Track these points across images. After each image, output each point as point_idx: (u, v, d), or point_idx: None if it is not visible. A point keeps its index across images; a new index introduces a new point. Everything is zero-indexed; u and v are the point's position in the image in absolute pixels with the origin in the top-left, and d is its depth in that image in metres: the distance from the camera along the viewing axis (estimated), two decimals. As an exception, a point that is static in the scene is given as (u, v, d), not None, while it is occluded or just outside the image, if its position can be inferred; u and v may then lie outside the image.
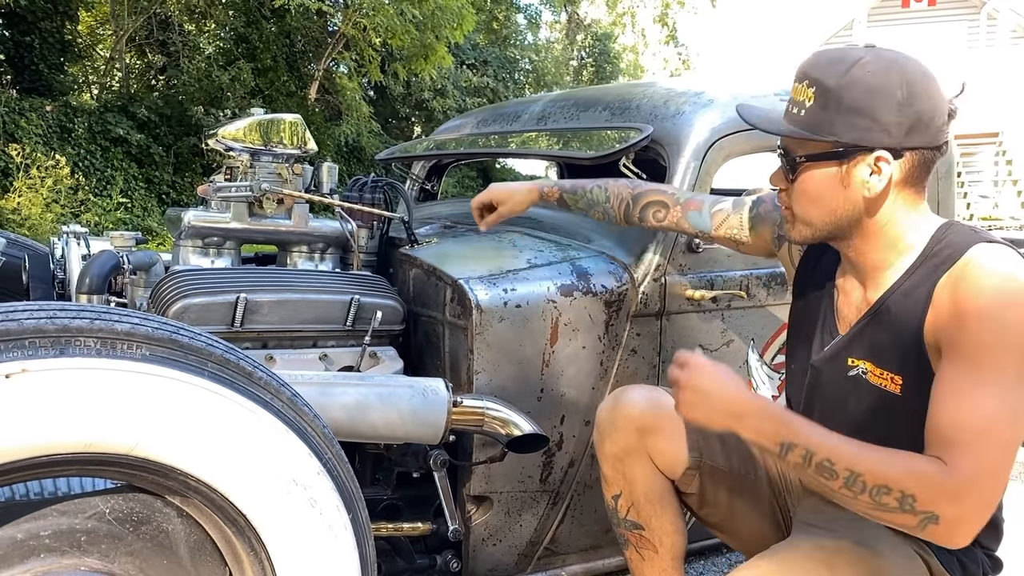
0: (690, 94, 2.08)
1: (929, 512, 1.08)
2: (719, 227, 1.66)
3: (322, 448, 1.20)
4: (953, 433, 1.11)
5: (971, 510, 1.09)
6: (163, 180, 10.77)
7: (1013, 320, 1.12)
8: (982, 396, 1.11)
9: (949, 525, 1.09)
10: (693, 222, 1.69)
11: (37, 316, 1.00)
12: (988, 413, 1.10)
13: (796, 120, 1.24)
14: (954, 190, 2.31)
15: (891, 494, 1.10)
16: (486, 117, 2.80)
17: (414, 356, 1.99)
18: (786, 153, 1.28)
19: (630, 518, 1.54)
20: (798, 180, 1.27)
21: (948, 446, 1.11)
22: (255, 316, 1.77)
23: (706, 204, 1.68)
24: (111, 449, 1.05)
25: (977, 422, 1.10)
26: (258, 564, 1.19)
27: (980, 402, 1.11)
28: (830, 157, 1.23)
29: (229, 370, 1.12)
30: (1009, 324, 1.12)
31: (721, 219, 1.65)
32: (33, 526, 1.09)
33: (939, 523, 1.08)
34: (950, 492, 1.08)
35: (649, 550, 1.54)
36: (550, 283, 1.82)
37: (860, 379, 1.30)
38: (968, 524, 1.09)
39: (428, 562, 1.86)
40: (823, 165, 1.24)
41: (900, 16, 17.66)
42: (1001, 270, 1.15)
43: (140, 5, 11.45)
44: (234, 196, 2.00)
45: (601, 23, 21.54)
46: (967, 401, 1.12)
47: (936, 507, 1.08)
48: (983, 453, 1.09)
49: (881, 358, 1.27)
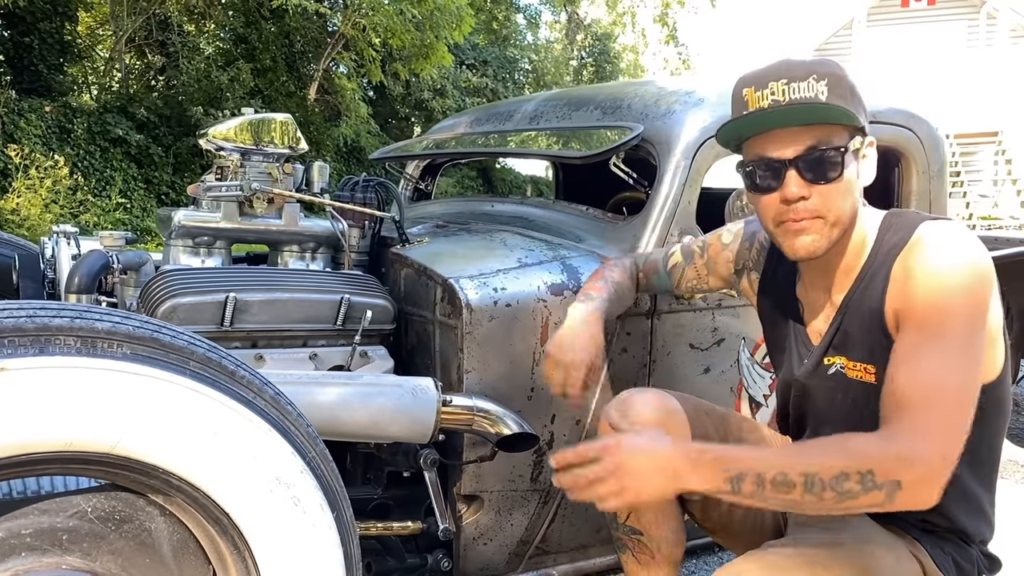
0: (680, 93, 2.08)
1: (890, 481, 1.08)
2: (680, 282, 1.68)
3: (305, 447, 1.19)
4: (901, 397, 1.13)
5: (927, 467, 1.09)
6: (162, 181, 10.77)
7: (958, 285, 1.15)
8: (927, 357, 1.13)
9: (912, 487, 1.08)
10: (657, 284, 1.73)
11: (16, 315, 1.00)
12: (933, 373, 1.12)
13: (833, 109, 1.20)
14: (947, 189, 2.30)
15: (850, 479, 1.09)
16: (479, 116, 2.80)
17: (405, 355, 1.99)
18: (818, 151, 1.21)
19: (630, 523, 1.53)
20: (844, 174, 1.22)
21: (897, 410, 1.13)
22: (244, 315, 1.77)
23: (660, 263, 1.70)
24: (92, 448, 1.05)
25: (923, 382, 1.12)
26: (241, 563, 1.19)
27: (925, 363, 1.13)
28: (854, 145, 1.23)
29: (211, 369, 1.12)
30: (954, 289, 1.15)
31: (679, 274, 1.68)
32: (14, 525, 1.09)
33: (903, 488, 1.08)
34: (900, 456, 1.09)
35: (646, 556, 1.53)
36: (540, 282, 1.82)
37: (839, 375, 1.32)
38: (929, 481, 1.09)
39: (419, 561, 1.86)
40: (851, 154, 1.23)
41: (899, 15, 17.65)
42: (947, 241, 1.19)
43: (139, 6, 11.46)
44: (224, 196, 2.00)
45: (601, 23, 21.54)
46: (913, 364, 1.14)
47: (894, 475, 1.08)
48: (929, 411, 1.10)
49: (853, 351, 1.29)
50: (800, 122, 1.21)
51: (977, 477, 1.33)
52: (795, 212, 1.23)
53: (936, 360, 1.13)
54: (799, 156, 1.21)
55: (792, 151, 1.22)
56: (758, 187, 1.26)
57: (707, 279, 1.63)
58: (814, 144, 1.21)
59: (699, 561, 2.30)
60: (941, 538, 1.32)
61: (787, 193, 1.22)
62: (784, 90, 1.20)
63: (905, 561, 1.27)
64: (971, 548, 1.33)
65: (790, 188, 1.22)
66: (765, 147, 1.24)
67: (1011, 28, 17.24)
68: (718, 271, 1.61)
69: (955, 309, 1.14)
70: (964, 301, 1.15)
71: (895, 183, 2.26)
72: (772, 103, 1.21)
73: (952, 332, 1.14)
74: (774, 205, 1.25)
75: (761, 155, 1.25)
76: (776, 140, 1.23)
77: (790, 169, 1.22)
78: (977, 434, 1.26)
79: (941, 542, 1.31)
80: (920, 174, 2.22)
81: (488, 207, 2.54)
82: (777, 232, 1.28)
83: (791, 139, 1.22)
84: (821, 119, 1.20)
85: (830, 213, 1.23)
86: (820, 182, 1.21)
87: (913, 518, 1.32)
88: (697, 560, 2.30)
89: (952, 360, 1.13)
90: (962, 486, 1.30)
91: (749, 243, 1.55)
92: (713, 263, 1.61)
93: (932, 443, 1.09)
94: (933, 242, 1.20)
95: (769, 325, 1.50)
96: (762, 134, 1.25)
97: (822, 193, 1.22)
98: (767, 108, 1.21)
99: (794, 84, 1.20)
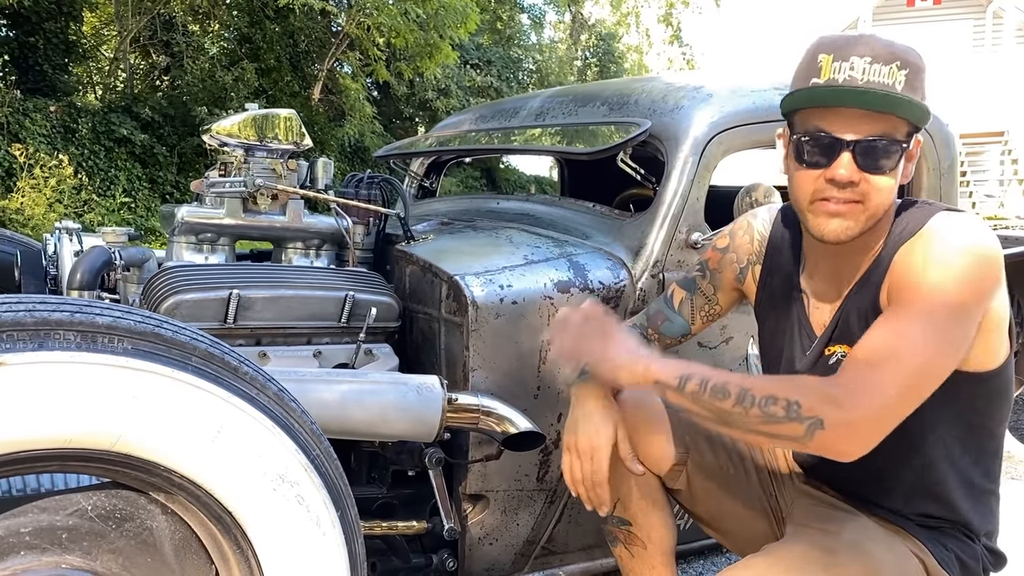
0: (688, 88, 2.06)
1: (813, 417, 1.08)
2: (695, 317, 1.56)
3: (310, 444, 1.17)
4: (860, 353, 1.14)
5: (855, 416, 1.08)
6: (167, 180, 10.77)
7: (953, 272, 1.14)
8: (902, 324, 1.13)
9: (833, 430, 1.08)
10: (673, 332, 1.57)
11: (16, 309, 0.98)
12: (902, 339, 1.11)
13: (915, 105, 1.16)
14: (957, 187, 2.28)
15: (778, 403, 1.11)
16: (485, 113, 2.79)
17: (410, 353, 1.97)
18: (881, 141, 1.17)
19: (618, 514, 1.52)
20: (898, 168, 1.19)
21: (851, 363, 1.14)
22: (248, 312, 1.75)
23: (665, 309, 1.57)
24: (92, 444, 1.03)
25: (886, 343, 1.12)
26: (245, 562, 1.17)
27: (898, 328, 1.13)
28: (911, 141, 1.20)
29: (214, 365, 1.10)
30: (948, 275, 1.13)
31: (689, 308, 1.55)
32: (13, 523, 1.07)
33: (824, 428, 1.08)
34: (834, 397, 1.09)
35: (638, 546, 1.52)
36: (547, 279, 1.80)
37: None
38: (852, 431, 1.09)
39: (424, 561, 1.84)
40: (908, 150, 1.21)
41: (905, 15, 17.62)
42: (953, 230, 1.17)
43: (144, 6, 11.46)
44: (228, 192, 1.99)
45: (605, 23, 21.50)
46: (886, 327, 1.14)
47: (820, 411, 1.08)
48: (881, 367, 1.10)
49: (853, 337, 1.26)
50: (875, 108, 1.15)
51: (980, 467, 1.31)
52: (838, 195, 1.19)
53: (907, 332, 1.12)
54: (859, 141, 1.16)
55: (853, 134, 1.17)
56: (805, 161, 1.21)
57: (716, 298, 1.54)
58: (879, 133, 1.16)
59: (706, 562, 2.28)
60: (944, 534, 1.30)
61: (836, 175, 1.18)
62: (865, 69, 1.14)
63: (906, 559, 1.25)
64: (975, 544, 1.31)
65: (839, 170, 1.17)
66: (826, 122, 1.18)
67: (1017, 28, 17.19)
68: (725, 282, 1.53)
69: (944, 294, 1.13)
70: (956, 288, 1.13)
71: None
72: (848, 79, 1.15)
73: (934, 314, 1.12)
74: (815, 182, 1.21)
75: (820, 128, 1.19)
76: (840, 118, 1.17)
77: (845, 151, 1.17)
78: (979, 422, 1.26)
79: (944, 538, 1.29)
80: (931, 171, 2.20)
81: (494, 204, 2.52)
82: (809, 209, 1.23)
83: (856, 121, 1.16)
84: (895, 110, 1.15)
85: (870, 203, 1.19)
86: (872, 172, 1.17)
87: (915, 512, 1.31)
88: (704, 561, 2.28)
89: (923, 337, 1.11)
90: (966, 476, 1.29)
91: (749, 237, 1.50)
92: (718, 276, 1.53)
93: (870, 398, 1.08)
94: (939, 232, 1.19)
95: (769, 315, 1.46)
96: (827, 108, 1.18)
97: (870, 182, 1.18)
98: (841, 83, 1.16)
99: (877, 66, 1.14)
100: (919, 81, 1.17)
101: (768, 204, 1.83)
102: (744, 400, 1.13)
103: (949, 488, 1.29)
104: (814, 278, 1.37)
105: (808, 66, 1.20)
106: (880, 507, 1.33)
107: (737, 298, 1.54)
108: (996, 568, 1.34)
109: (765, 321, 1.48)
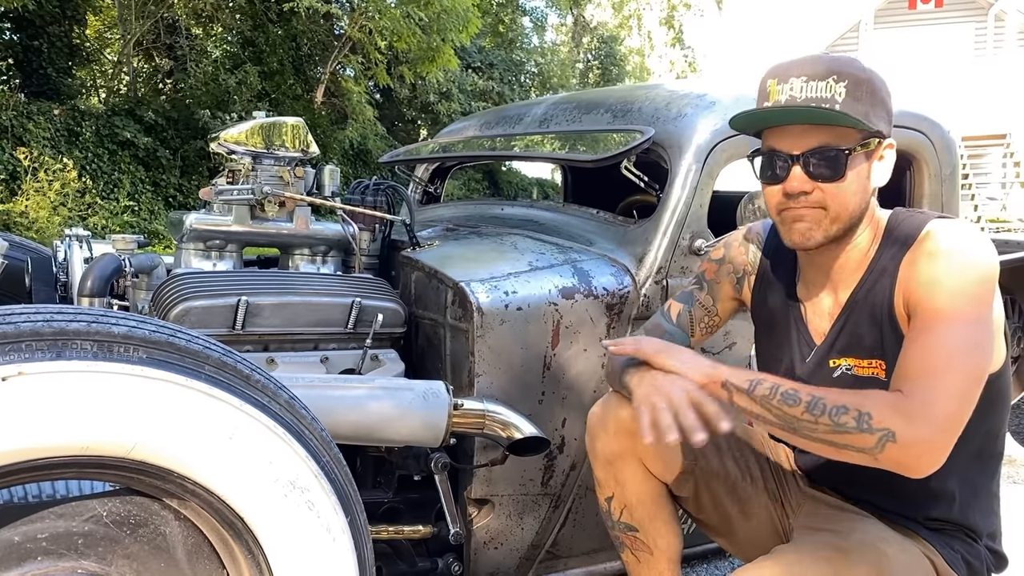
0: (692, 96, 2.08)
1: (885, 429, 1.11)
2: (694, 329, 1.57)
3: (320, 451, 1.19)
4: (913, 367, 1.17)
5: (927, 429, 1.11)
6: (170, 183, 10.79)
7: (967, 275, 1.18)
8: (941, 334, 1.16)
9: (906, 444, 1.11)
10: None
11: (34, 319, 1.00)
12: (947, 347, 1.15)
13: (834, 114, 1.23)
14: (958, 192, 2.30)
15: (849, 413, 1.14)
16: (489, 120, 2.80)
17: (415, 359, 1.99)
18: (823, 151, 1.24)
19: (624, 520, 1.54)
20: (848, 174, 1.25)
21: (906, 379, 1.16)
22: (256, 319, 1.77)
23: (663, 322, 1.57)
24: (108, 452, 1.05)
25: (935, 355, 1.15)
26: (255, 567, 1.19)
27: (939, 339, 1.16)
28: (866, 147, 1.26)
29: (226, 373, 1.12)
30: (963, 278, 1.18)
31: (687, 321, 1.56)
32: (30, 529, 1.09)
33: (896, 441, 1.11)
34: (905, 410, 1.12)
35: (644, 552, 1.54)
36: (552, 285, 1.82)
37: (846, 376, 1.32)
38: (926, 445, 1.11)
39: (429, 565, 1.86)
40: (861, 156, 1.26)
41: (907, 18, 17.62)
42: (955, 236, 1.22)
43: (147, 9, 11.49)
44: (236, 199, 2.00)
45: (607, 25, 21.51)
46: (924, 339, 1.17)
47: (891, 423, 1.11)
48: (939, 378, 1.13)
49: (861, 350, 1.31)
50: (808, 122, 1.24)
51: (983, 469, 1.34)
52: (796, 204, 1.27)
53: (947, 337, 1.16)
54: (804, 153, 1.25)
55: (800, 148, 1.25)
56: (766, 177, 1.31)
57: (715, 309, 1.56)
58: (821, 144, 1.24)
59: (709, 566, 2.30)
60: (950, 536, 1.32)
61: (788, 187, 1.26)
62: (803, 87, 1.23)
63: (918, 560, 1.27)
64: (978, 545, 1.33)
65: (792, 183, 1.26)
66: (777, 140, 1.28)
67: (1019, 31, 17.19)
68: (723, 293, 1.55)
69: (964, 297, 1.17)
70: (973, 291, 1.18)
71: (906, 186, 2.25)
72: (788, 99, 1.24)
73: (962, 317, 1.16)
74: (777, 195, 1.29)
75: (772, 148, 1.29)
76: (787, 135, 1.26)
77: (795, 165, 1.26)
78: (981, 426, 1.27)
79: (951, 540, 1.32)
80: (932, 177, 2.21)
81: (498, 210, 2.54)
82: (778, 220, 1.32)
83: (801, 136, 1.25)
84: (827, 122, 1.23)
85: (831, 208, 1.26)
86: (822, 180, 1.25)
87: (921, 515, 1.33)
88: (708, 565, 2.29)
89: (963, 346, 1.15)
90: (969, 479, 1.32)
91: (744, 248, 1.54)
92: (715, 287, 1.56)
93: (938, 409, 1.11)
94: (941, 236, 1.23)
95: (766, 324, 1.49)
96: (776, 127, 1.28)
97: (824, 190, 1.25)
98: (783, 103, 1.25)
99: (812, 83, 1.23)
100: (862, 91, 1.23)
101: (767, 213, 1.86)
102: (815, 408, 1.16)
103: (953, 491, 1.31)
104: (809, 287, 1.41)
105: (760, 92, 1.30)
106: (886, 511, 1.35)
107: (735, 307, 1.58)
108: (998, 569, 1.36)
109: (762, 329, 1.51)
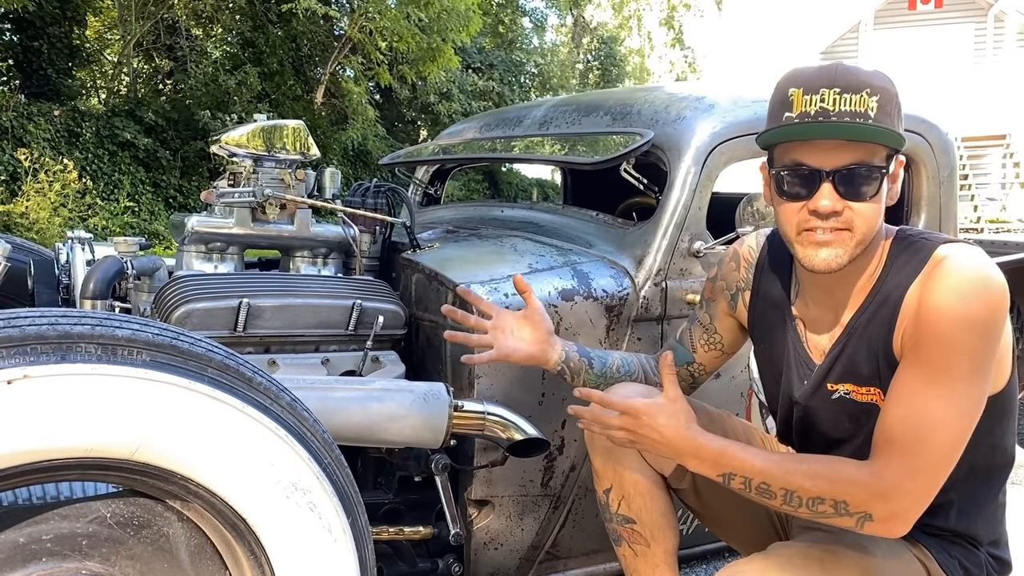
0: (691, 99, 2.09)
1: (862, 512, 1.16)
2: (695, 345, 1.59)
3: (322, 453, 1.20)
4: (894, 434, 1.17)
5: (902, 506, 1.15)
6: (170, 184, 10.80)
7: (971, 322, 1.14)
8: (929, 398, 1.15)
9: (884, 521, 1.16)
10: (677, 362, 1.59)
11: (39, 323, 1.01)
12: (931, 416, 1.15)
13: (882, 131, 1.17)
14: (956, 195, 2.30)
15: (825, 503, 1.18)
16: (489, 122, 2.81)
17: (416, 360, 2.00)
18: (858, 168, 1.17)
19: (622, 512, 1.54)
20: (880, 192, 1.19)
21: (887, 445, 1.17)
22: (257, 321, 1.78)
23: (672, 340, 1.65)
24: (112, 454, 1.06)
25: (918, 423, 1.15)
26: (258, 568, 1.19)
27: (926, 404, 1.15)
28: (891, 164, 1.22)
29: (229, 375, 1.13)
30: (966, 326, 1.14)
31: (688, 338, 1.59)
32: (35, 530, 1.10)
33: (874, 520, 1.16)
34: (878, 493, 1.15)
35: (641, 544, 1.54)
36: (551, 287, 1.83)
37: (845, 400, 1.31)
38: (902, 518, 1.16)
39: (430, 566, 1.87)
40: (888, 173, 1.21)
41: (907, 18, 17.62)
42: (962, 272, 1.17)
43: (148, 10, 11.51)
44: (237, 201, 2.01)
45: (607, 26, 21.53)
46: (914, 402, 1.16)
47: (868, 507, 1.15)
48: (918, 453, 1.14)
49: (860, 376, 1.29)
50: (848, 138, 1.17)
51: (986, 480, 1.33)
52: (823, 224, 1.20)
53: (935, 402, 1.15)
54: (838, 170, 1.17)
55: (831, 164, 1.18)
56: (786, 193, 1.22)
57: (714, 327, 1.56)
58: (855, 161, 1.17)
59: (709, 566, 2.30)
60: (949, 542, 1.32)
61: (819, 206, 1.18)
62: (836, 100, 1.15)
63: (909, 564, 1.28)
64: (979, 551, 1.33)
65: (822, 201, 1.18)
66: (804, 154, 1.20)
67: (1019, 31, 17.20)
68: (719, 311, 1.55)
69: (964, 348, 1.14)
70: (975, 338, 1.14)
71: (904, 189, 2.26)
72: (820, 110, 1.16)
73: (957, 372, 1.14)
74: (799, 213, 1.22)
75: (798, 161, 1.20)
76: (817, 150, 1.18)
77: (826, 182, 1.18)
78: (985, 439, 1.26)
79: (947, 545, 1.32)
80: (930, 180, 2.22)
81: (498, 212, 2.55)
82: (796, 241, 1.24)
83: (833, 152, 1.17)
84: (870, 139, 1.16)
85: (857, 230, 1.20)
86: (854, 199, 1.18)
87: (919, 523, 1.32)
88: (707, 565, 2.30)
89: (952, 403, 1.14)
90: (970, 489, 1.31)
91: (735, 264, 1.52)
92: (712, 305, 1.56)
93: (914, 485, 1.14)
94: (948, 272, 1.18)
95: (763, 342, 1.47)
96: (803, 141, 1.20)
97: (853, 209, 1.19)
98: (813, 115, 1.17)
99: (847, 96, 1.15)
100: (891, 106, 1.18)
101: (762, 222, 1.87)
102: (791, 501, 1.20)
103: (952, 502, 1.31)
104: (808, 305, 1.37)
105: (781, 101, 1.21)
106: None
107: (735, 325, 1.55)
108: (1001, 575, 1.36)
109: (760, 347, 1.50)
